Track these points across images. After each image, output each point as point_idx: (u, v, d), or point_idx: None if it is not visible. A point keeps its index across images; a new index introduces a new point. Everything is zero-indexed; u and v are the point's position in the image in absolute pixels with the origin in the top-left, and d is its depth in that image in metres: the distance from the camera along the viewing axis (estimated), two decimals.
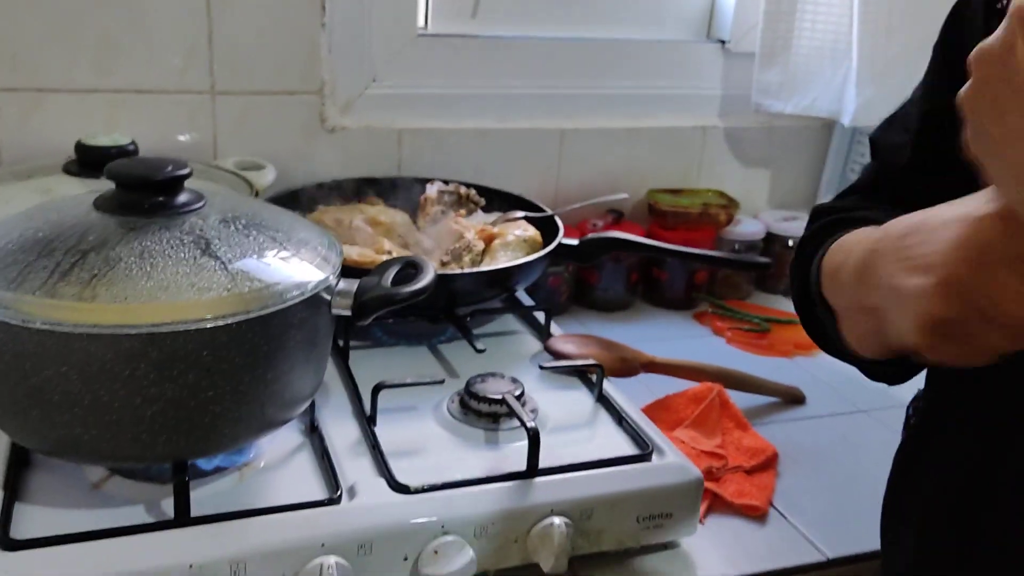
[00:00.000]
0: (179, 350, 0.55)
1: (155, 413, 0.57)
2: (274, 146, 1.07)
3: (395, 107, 1.13)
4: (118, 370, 0.55)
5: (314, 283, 0.62)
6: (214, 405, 0.58)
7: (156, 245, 0.58)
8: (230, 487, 0.65)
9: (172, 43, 1.00)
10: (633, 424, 0.76)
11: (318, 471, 0.68)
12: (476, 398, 0.75)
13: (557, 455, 0.70)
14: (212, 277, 0.57)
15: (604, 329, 1.12)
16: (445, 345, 0.89)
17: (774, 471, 0.84)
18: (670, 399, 0.90)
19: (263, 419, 0.62)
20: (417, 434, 0.73)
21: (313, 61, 1.06)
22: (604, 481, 0.69)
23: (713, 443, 0.85)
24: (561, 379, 0.84)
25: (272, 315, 0.58)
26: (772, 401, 0.98)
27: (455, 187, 1.04)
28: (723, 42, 1.25)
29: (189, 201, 0.63)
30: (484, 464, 0.70)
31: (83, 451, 0.58)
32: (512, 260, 0.91)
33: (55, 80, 0.96)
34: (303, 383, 0.65)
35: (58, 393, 0.55)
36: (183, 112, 1.02)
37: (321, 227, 0.71)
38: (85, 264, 0.56)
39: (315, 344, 0.64)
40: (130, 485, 0.64)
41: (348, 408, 0.76)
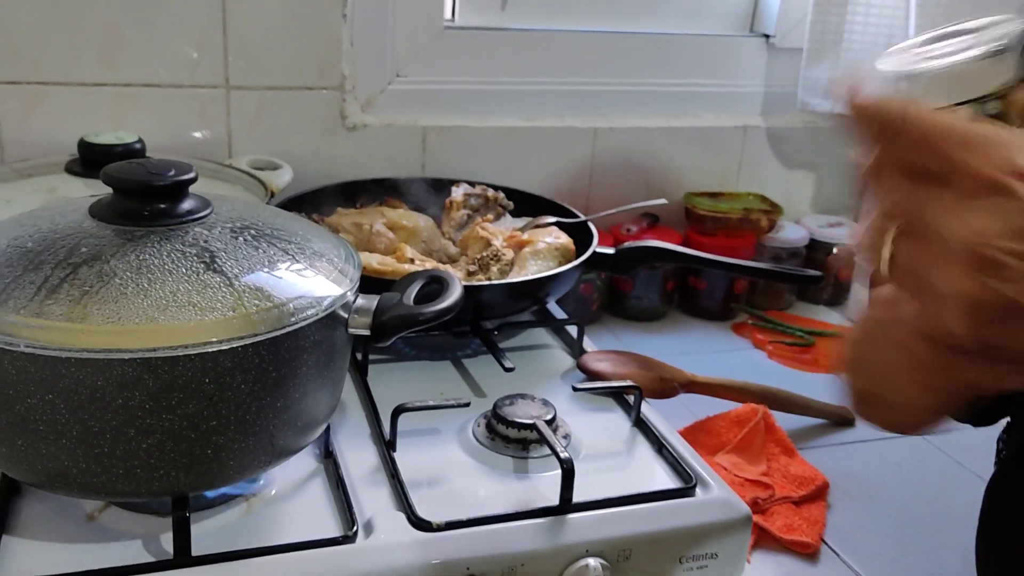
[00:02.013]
0: (178, 377, 0.50)
1: (151, 446, 0.51)
2: (291, 144, 1.01)
3: (419, 104, 1.07)
4: (109, 399, 0.49)
5: (329, 300, 0.56)
6: (217, 436, 0.53)
7: (155, 258, 0.53)
8: (236, 519, 0.60)
9: (183, 34, 0.94)
10: (674, 453, 0.69)
11: (332, 503, 0.62)
12: (504, 422, 0.69)
13: (592, 487, 0.64)
14: (216, 295, 0.52)
15: (638, 340, 1.06)
16: (470, 359, 0.83)
17: (824, 502, 0.78)
18: (711, 421, 0.83)
19: (272, 449, 0.56)
20: (440, 461, 0.68)
21: (333, 55, 1.00)
22: (644, 518, 0.63)
23: (758, 471, 0.78)
24: (596, 400, 0.78)
25: (282, 337, 0.53)
26: (819, 423, 0.91)
27: (482, 189, 0.98)
28: (767, 36, 1.18)
29: (194, 209, 0.57)
30: (513, 497, 0.64)
31: (72, 485, 0.53)
32: (543, 270, 0.85)
33: (59, 73, 0.91)
34: (316, 409, 0.59)
35: (44, 423, 0.50)
36: (195, 108, 0.97)
37: (338, 237, 0.65)
38: (76, 279, 0.50)
39: (330, 366, 0.59)
40: (127, 517, 0.59)
41: (366, 431, 0.71)
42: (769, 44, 1.19)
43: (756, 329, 1.11)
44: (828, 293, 1.20)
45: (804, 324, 1.12)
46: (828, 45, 1.11)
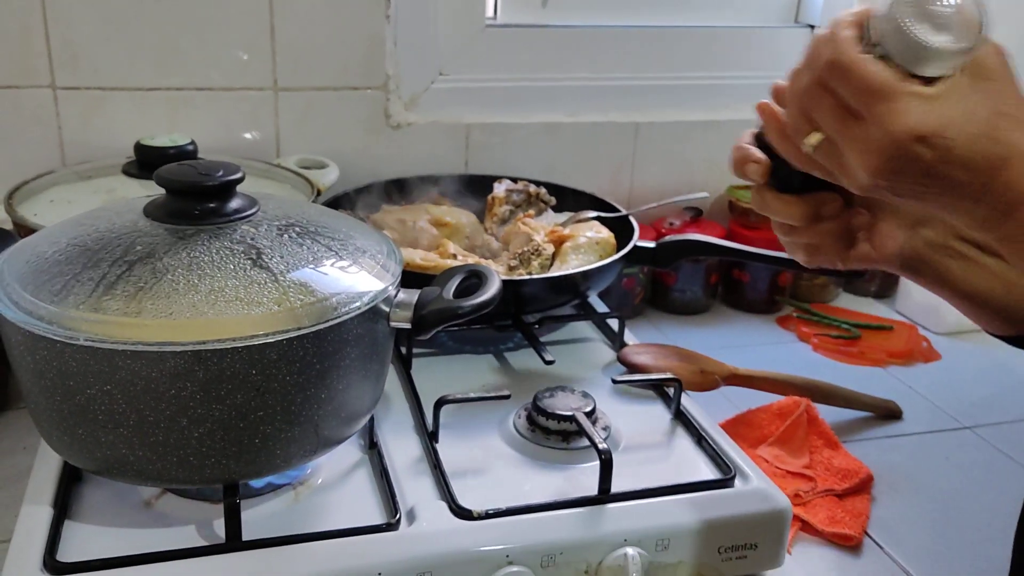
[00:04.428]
0: (226, 369, 0.52)
1: (202, 434, 0.53)
2: (337, 143, 1.03)
3: (462, 101, 1.08)
4: (163, 389, 0.52)
5: (371, 295, 0.58)
6: (265, 426, 0.55)
7: (205, 255, 0.55)
8: (285, 507, 0.62)
9: (233, 39, 0.97)
10: (714, 444, 0.70)
11: (376, 492, 0.64)
12: (544, 414, 0.70)
13: (631, 478, 0.65)
14: (262, 290, 0.54)
15: (681, 334, 1.07)
16: (512, 353, 0.85)
17: (868, 495, 0.77)
18: (753, 414, 0.83)
19: (317, 439, 0.58)
20: (481, 452, 0.69)
21: (377, 55, 1.02)
22: (682, 508, 0.63)
23: (800, 463, 0.78)
24: (636, 393, 0.78)
25: (326, 331, 0.54)
26: (864, 416, 0.90)
27: (524, 185, 1.00)
28: (812, 27, 1.17)
29: (241, 208, 0.59)
30: (552, 487, 0.65)
31: (129, 472, 0.55)
32: (584, 264, 0.86)
33: (116, 79, 0.95)
34: (360, 400, 0.61)
35: (102, 412, 0.53)
36: (245, 110, 1.00)
37: (381, 233, 0.67)
38: (131, 276, 0.53)
39: (373, 359, 0.60)
40: (183, 503, 0.61)
41: (410, 422, 0.73)
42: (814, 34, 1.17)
43: (801, 322, 1.10)
44: (875, 285, 1.19)
45: (850, 316, 1.11)
46: None
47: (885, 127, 0.45)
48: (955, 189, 0.47)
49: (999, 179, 0.46)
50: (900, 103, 0.45)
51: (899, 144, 0.45)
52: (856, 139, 0.47)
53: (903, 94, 0.45)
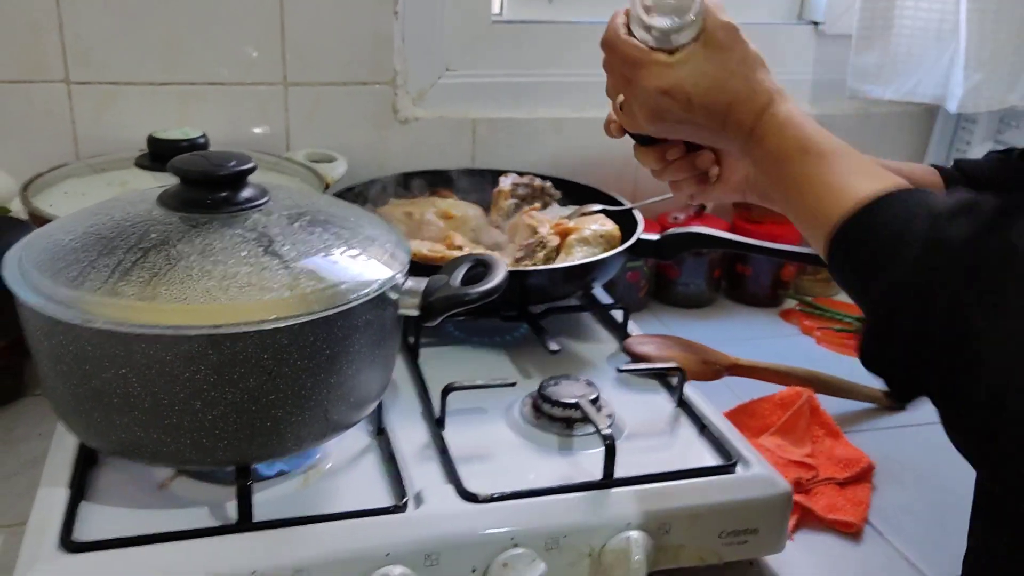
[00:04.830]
0: (239, 353, 0.53)
1: (216, 417, 0.55)
2: (346, 138, 1.05)
3: (469, 97, 1.10)
4: (177, 372, 0.53)
5: (380, 282, 0.59)
6: (276, 409, 0.56)
7: (218, 242, 0.56)
8: (294, 490, 0.63)
9: (243, 34, 0.98)
10: (716, 432, 0.71)
11: (385, 476, 0.65)
12: (549, 402, 0.71)
13: (635, 464, 0.66)
14: (273, 277, 0.55)
15: (684, 327, 1.08)
16: (518, 343, 0.86)
17: (869, 484, 0.78)
18: (755, 404, 0.84)
19: (327, 423, 0.60)
20: (487, 438, 0.70)
21: (385, 50, 1.03)
22: (685, 493, 0.64)
23: (802, 452, 0.79)
24: (639, 382, 0.79)
25: (335, 316, 0.56)
26: (866, 407, 0.91)
27: (530, 179, 1.01)
28: (816, 23, 1.18)
29: (253, 197, 0.61)
30: (557, 472, 0.66)
31: (145, 453, 0.57)
32: (588, 256, 0.87)
33: (128, 74, 0.96)
34: (369, 386, 0.62)
35: (118, 395, 0.54)
36: (255, 104, 1.01)
37: (389, 223, 0.68)
38: (146, 262, 0.54)
39: (381, 345, 0.62)
40: (196, 486, 0.63)
41: (417, 409, 0.74)
42: (818, 31, 1.18)
43: (804, 315, 1.11)
44: None
45: (853, 310, 1.11)
46: (878, 31, 1.10)
47: (642, 86, 0.65)
48: (704, 127, 0.65)
49: (731, 118, 0.63)
50: (647, 69, 0.64)
51: (652, 97, 0.65)
52: (632, 96, 0.66)
53: (649, 62, 0.64)
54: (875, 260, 0.51)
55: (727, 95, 0.63)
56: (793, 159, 0.60)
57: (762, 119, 0.62)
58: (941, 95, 1.11)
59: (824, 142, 0.60)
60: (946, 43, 1.08)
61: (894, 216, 0.52)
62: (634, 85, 0.65)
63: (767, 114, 0.62)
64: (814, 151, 0.60)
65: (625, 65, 0.66)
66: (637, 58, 0.65)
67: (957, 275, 0.46)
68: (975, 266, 0.45)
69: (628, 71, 0.66)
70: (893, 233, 0.51)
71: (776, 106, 0.62)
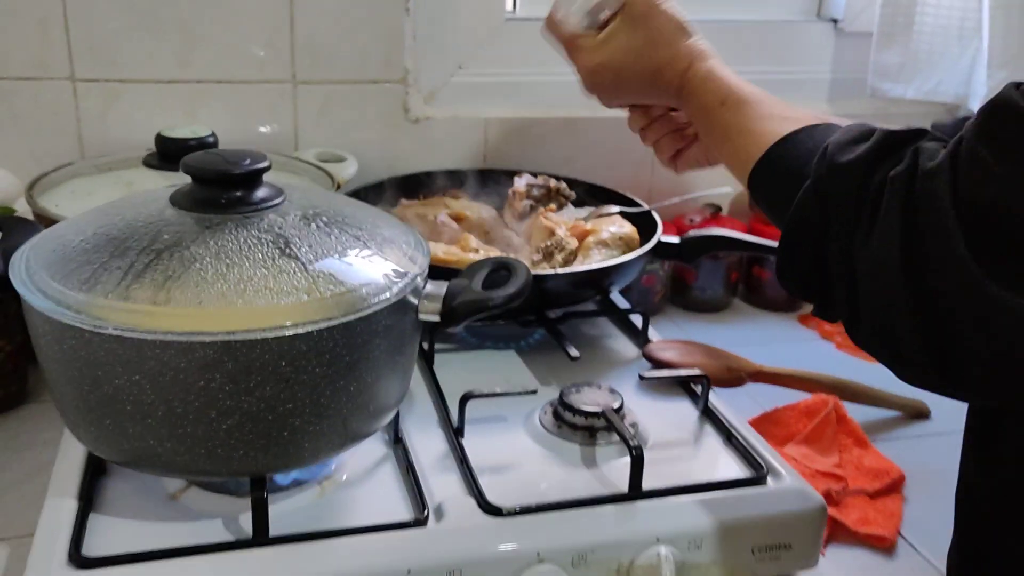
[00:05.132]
0: (255, 360, 0.51)
1: (231, 426, 0.52)
2: (356, 137, 1.03)
3: (481, 96, 1.07)
4: (191, 380, 0.51)
5: (400, 286, 0.56)
6: (293, 418, 0.54)
7: (233, 244, 0.54)
8: (311, 502, 0.61)
9: (253, 32, 0.96)
10: (744, 442, 0.69)
11: (403, 487, 0.63)
12: (571, 410, 0.69)
13: (661, 475, 0.64)
14: (291, 280, 0.53)
15: (702, 332, 1.05)
16: (535, 348, 0.84)
17: (900, 496, 0.76)
18: (780, 412, 0.82)
19: (345, 433, 0.57)
20: (507, 448, 0.68)
21: (396, 49, 1.01)
22: (715, 507, 0.62)
23: (830, 462, 0.77)
24: (662, 389, 0.77)
25: (355, 322, 0.53)
26: (891, 415, 0.89)
27: (544, 180, 0.98)
28: (835, 21, 1.16)
29: (268, 196, 0.58)
30: (581, 483, 0.64)
31: (157, 464, 0.54)
32: (607, 259, 0.85)
33: (135, 71, 0.94)
34: (388, 393, 0.60)
35: (130, 403, 0.52)
36: (264, 103, 0.99)
37: (407, 224, 0.66)
38: (159, 265, 0.52)
39: (401, 351, 0.59)
40: (209, 497, 0.60)
41: (434, 417, 0.71)
42: (837, 29, 1.16)
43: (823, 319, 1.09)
44: None
45: None
46: (899, 28, 1.08)
47: (577, 64, 0.76)
48: (642, 92, 0.74)
49: (660, 82, 0.72)
50: (577, 52, 0.75)
51: (587, 75, 0.75)
52: (576, 71, 0.76)
53: (576, 46, 0.75)
54: (783, 192, 0.56)
55: (651, 63, 0.71)
56: (715, 110, 0.67)
57: (686, 78, 0.70)
58: (963, 94, 1.08)
59: (741, 91, 0.67)
60: (968, 41, 1.06)
61: (799, 152, 0.57)
62: (574, 66, 0.76)
63: (688, 74, 0.70)
64: (731, 101, 0.67)
65: (561, 47, 0.76)
66: (567, 42, 0.75)
67: (841, 203, 0.50)
68: (857, 195, 0.50)
69: (566, 55, 0.76)
70: (796, 167, 0.56)
71: (696, 66, 0.70)
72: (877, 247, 0.48)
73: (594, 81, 0.75)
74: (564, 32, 0.76)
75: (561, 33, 0.76)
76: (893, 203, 0.47)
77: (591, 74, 0.75)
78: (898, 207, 0.47)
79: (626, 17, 0.73)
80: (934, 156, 0.47)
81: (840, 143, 0.52)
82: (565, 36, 0.76)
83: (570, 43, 0.76)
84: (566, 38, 0.76)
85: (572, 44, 0.75)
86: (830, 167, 0.52)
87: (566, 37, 0.75)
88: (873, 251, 0.48)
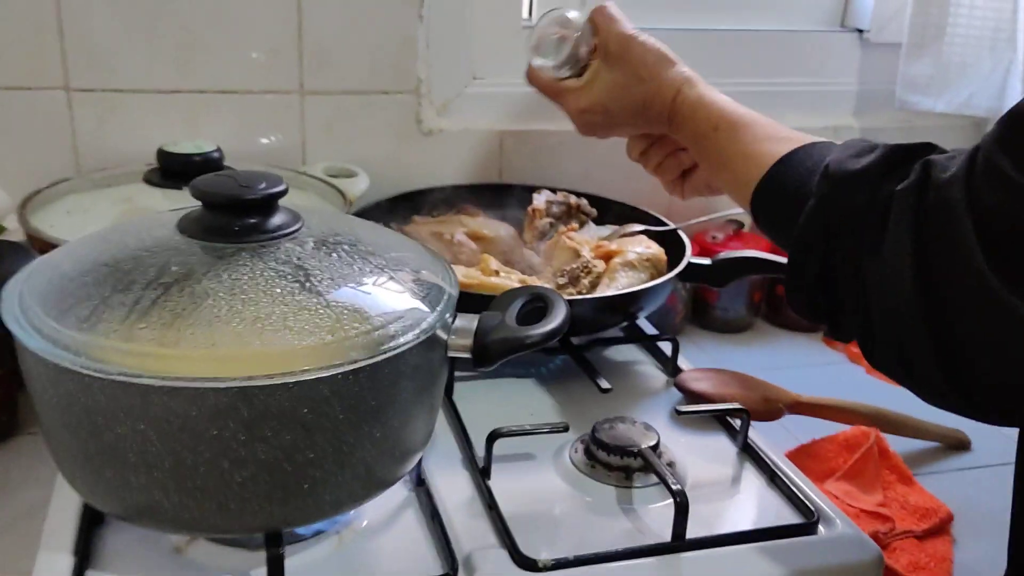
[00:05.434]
0: (274, 406, 0.46)
1: (245, 479, 0.47)
2: (365, 150, 0.98)
3: (497, 107, 1.03)
4: (202, 429, 0.46)
5: (429, 322, 0.52)
6: (314, 469, 0.49)
7: (248, 278, 0.49)
8: (329, 553, 0.56)
9: (258, 39, 0.91)
10: (789, 482, 0.64)
11: (429, 536, 0.58)
12: (605, 448, 0.64)
13: (703, 521, 0.60)
14: (313, 318, 0.48)
15: (726, 355, 1.01)
16: (555, 376, 0.79)
17: (949, 536, 0.72)
18: (818, 445, 0.78)
19: (369, 481, 0.53)
20: (537, 489, 0.63)
21: (409, 57, 0.96)
22: (765, 558, 0.58)
23: (874, 500, 0.73)
24: (696, 423, 0.73)
25: (383, 363, 0.49)
26: (930, 446, 0.85)
27: (564, 196, 0.94)
28: (860, 31, 1.12)
29: (284, 223, 0.54)
30: (618, 530, 0.59)
31: (163, 519, 0.49)
32: (634, 282, 0.80)
33: (134, 80, 0.89)
34: (415, 436, 0.55)
35: (134, 453, 0.47)
36: (269, 114, 0.94)
37: (432, 251, 0.61)
38: (167, 301, 0.47)
39: (428, 391, 0.55)
40: (216, 550, 0.56)
41: (456, 455, 0.67)
42: (863, 39, 1.12)
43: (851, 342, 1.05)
44: None
45: None
46: (929, 39, 1.04)
47: (566, 110, 0.77)
48: (635, 125, 0.75)
49: (650, 114, 0.72)
50: (563, 97, 0.76)
51: (576, 117, 0.76)
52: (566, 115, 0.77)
53: (562, 91, 0.76)
54: (786, 213, 0.54)
55: (638, 96, 0.72)
56: (709, 136, 0.67)
57: (675, 107, 0.70)
58: (996, 107, 1.05)
59: (733, 115, 0.66)
60: (1002, 52, 1.03)
61: (799, 171, 0.56)
62: (562, 110, 0.77)
63: (677, 102, 0.70)
64: (724, 125, 0.66)
65: (546, 95, 0.77)
66: (551, 89, 0.76)
67: (848, 218, 0.49)
68: (864, 208, 0.49)
69: (552, 100, 0.77)
70: (797, 186, 0.54)
71: (684, 93, 0.70)
72: (888, 260, 0.47)
73: (585, 122, 0.76)
74: (546, 81, 0.77)
75: (543, 83, 0.77)
76: (904, 215, 0.46)
77: (581, 116, 0.75)
78: (910, 218, 0.46)
79: (604, 57, 0.73)
80: (947, 168, 0.46)
81: (841, 159, 0.52)
82: (548, 85, 0.77)
83: (554, 90, 0.77)
84: (549, 87, 0.77)
85: (556, 91, 0.76)
86: (833, 183, 0.51)
87: (549, 86, 0.77)
88: (883, 264, 0.47)
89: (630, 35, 0.73)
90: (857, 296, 0.49)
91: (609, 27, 0.74)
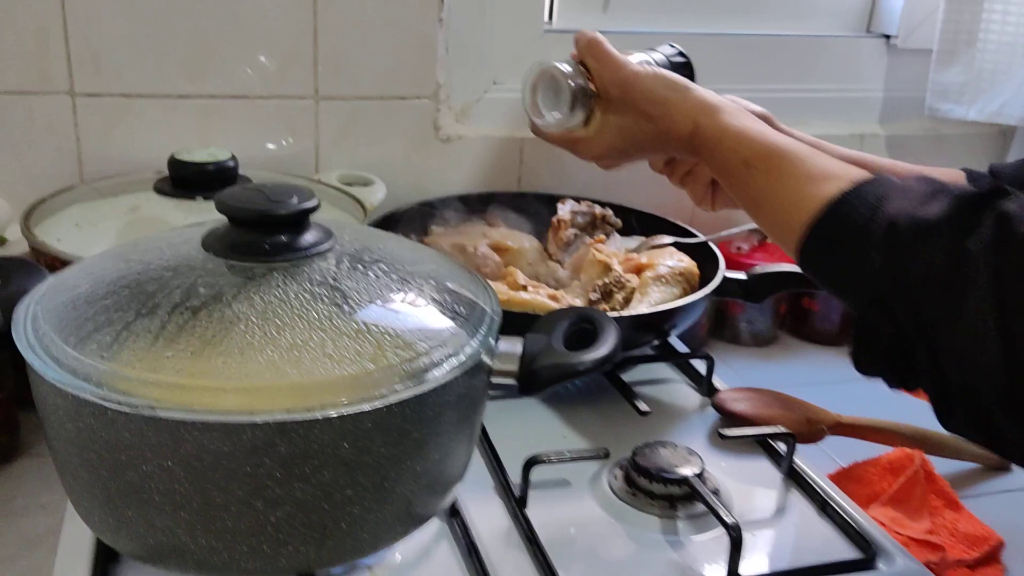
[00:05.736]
0: (313, 441, 0.43)
1: (280, 519, 0.44)
2: (382, 158, 0.94)
3: (517, 113, 0.99)
4: (235, 467, 0.42)
5: (474, 346, 0.48)
6: (352, 506, 0.45)
7: (281, 300, 0.46)
8: None
9: (272, 43, 0.88)
10: (842, 512, 0.61)
11: (465, 571, 0.54)
12: (648, 475, 0.61)
13: (753, 554, 0.57)
14: (353, 344, 0.45)
15: (749, 369, 0.98)
16: (585, 395, 0.75)
17: (1001, 565, 0.68)
18: (860, 468, 0.75)
19: (409, 517, 0.49)
20: (576, 519, 0.60)
21: (427, 62, 0.93)
22: None
23: (922, 528, 0.69)
24: (736, 445, 0.69)
25: (427, 394, 0.45)
26: (971, 467, 0.81)
27: (588, 206, 0.91)
28: (888, 37, 1.09)
29: (317, 240, 0.50)
30: (667, 566, 0.56)
31: (189, 562, 0.46)
32: (667, 297, 0.77)
33: (142, 85, 0.85)
34: (454, 468, 0.52)
35: (159, 492, 0.43)
36: (282, 120, 0.91)
37: (470, 269, 0.58)
38: (196, 327, 0.44)
39: (470, 420, 0.51)
40: None
41: (488, 482, 0.63)
42: (890, 45, 1.09)
43: None
44: None
45: None
46: (961, 46, 1.01)
47: (580, 156, 0.73)
48: (659, 153, 0.74)
49: (670, 146, 0.68)
50: (576, 147, 0.73)
51: (593, 159, 0.73)
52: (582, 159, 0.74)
53: (573, 141, 0.72)
54: (841, 267, 0.52)
55: (652, 133, 0.67)
56: (740, 172, 0.61)
57: (696, 143, 0.65)
58: None
59: (765, 147, 0.60)
60: None
61: (852, 222, 0.52)
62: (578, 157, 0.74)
63: (697, 137, 0.65)
64: (757, 161, 0.60)
65: (558, 145, 0.74)
66: (565, 141, 0.73)
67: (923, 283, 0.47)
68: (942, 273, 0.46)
69: (564, 148, 0.74)
70: (853, 240, 0.51)
71: (703, 124, 0.64)
72: (970, 325, 0.44)
73: (606, 163, 0.73)
74: (554, 136, 0.73)
75: (551, 137, 0.73)
76: (983, 277, 0.44)
77: (598, 160, 0.73)
78: (990, 281, 0.44)
79: (606, 106, 0.69)
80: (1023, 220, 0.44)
81: (905, 209, 0.48)
82: (557, 138, 0.73)
83: (565, 142, 0.73)
84: (559, 140, 0.73)
85: (567, 142, 0.73)
86: (904, 240, 0.48)
87: (558, 139, 0.73)
88: (965, 330, 0.45)
89: (628, 76, 0.68)
90: (934, 364, 0.47)
91: (602, 72, 0.69)
